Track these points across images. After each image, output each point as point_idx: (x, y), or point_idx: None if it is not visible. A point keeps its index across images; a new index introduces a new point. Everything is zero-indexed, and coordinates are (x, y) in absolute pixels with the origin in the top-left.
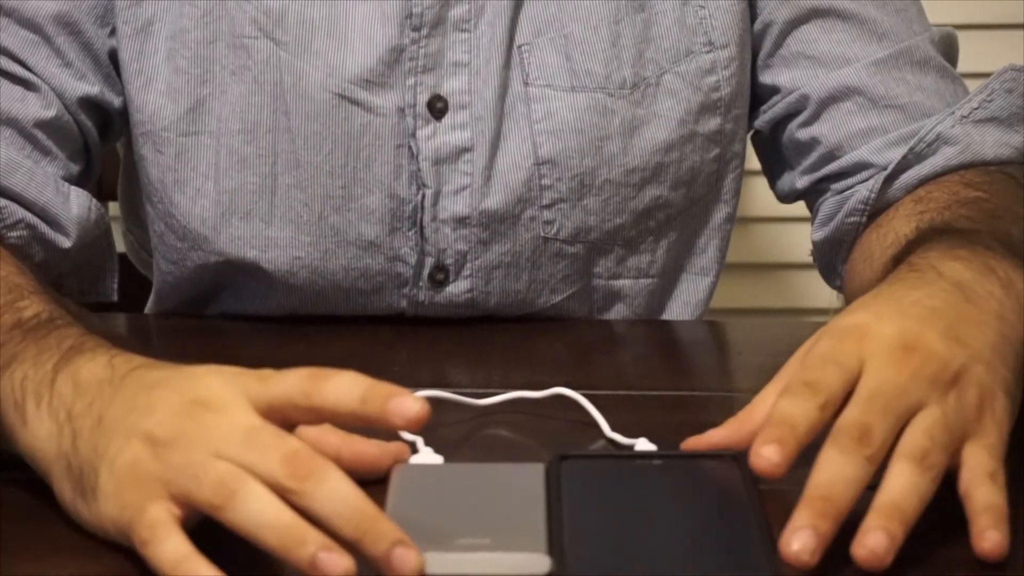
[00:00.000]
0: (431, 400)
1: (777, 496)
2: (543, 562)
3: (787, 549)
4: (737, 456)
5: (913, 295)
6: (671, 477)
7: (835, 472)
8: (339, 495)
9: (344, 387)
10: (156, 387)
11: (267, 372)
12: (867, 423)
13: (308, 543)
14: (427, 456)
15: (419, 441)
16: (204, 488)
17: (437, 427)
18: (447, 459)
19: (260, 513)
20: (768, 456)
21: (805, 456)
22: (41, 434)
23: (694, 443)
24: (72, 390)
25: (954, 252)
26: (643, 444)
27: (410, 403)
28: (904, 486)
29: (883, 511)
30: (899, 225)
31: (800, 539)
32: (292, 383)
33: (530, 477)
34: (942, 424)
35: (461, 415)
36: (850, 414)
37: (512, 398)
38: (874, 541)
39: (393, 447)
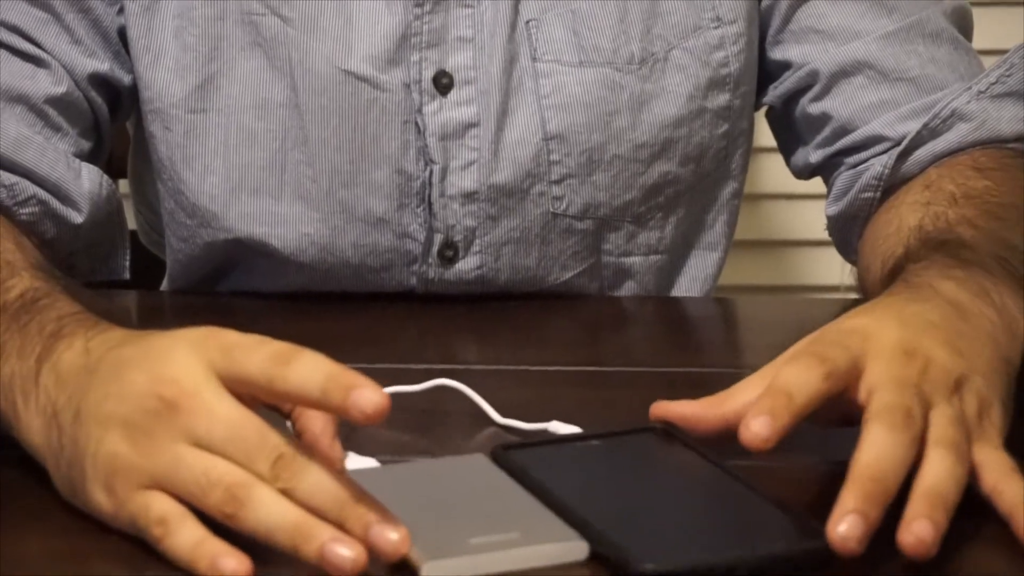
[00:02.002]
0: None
1: None
2: (582, 548)
3: (834, 533)
4: (669, 429)
5: (912, 308)
6: (627, 455)
7: (883, 451)
8: (319, 487)
9: (306, 375)
10: (126, 369)
11: (233, 341)
12: (907, 404)
13: (315, 538)
14: (358, 461)
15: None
16: (212, 498)
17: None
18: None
19: (269, 517)
20: (756, 430)
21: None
22: (33, 430)
23: (662, 408)
24: (54, 383)
25: (950, 272)
26: (556, 426)
27: (369, 396)
28: (944, 473)
29: (927, 499)
30: (905, 213)
31: (849, 524)
32: (256, 366)
33: (483, 468)
34: (959, 420)
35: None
36: (885, 397)
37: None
38: (921, 529)
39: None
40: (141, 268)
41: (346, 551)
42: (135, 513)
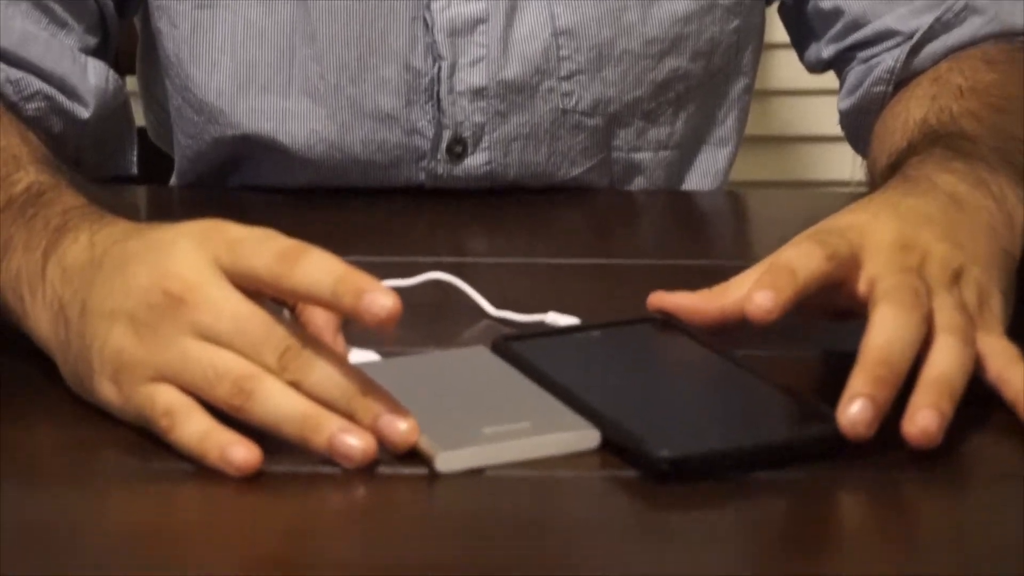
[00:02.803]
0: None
1: None
2: (594, 436)
3: (843, 417)
4: (669, 319)
5: (908, 201)
6: (629, 346)
7: (894, 332)
8: (327, 378)
9: (314, 276)
10: (130, 263)
11: (238, 236)
12: (913, 284)
13: (324, 428)
14: (359, 355)
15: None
16: (220, 390)
17: None
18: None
19: (277, 408)
20: (760, 302)
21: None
22: (41, 324)
23: (659, 299)
24: (60, 277)
25: (949, 165)
26: (554, 317)
27: (382, 301)
28: (951, 360)
29: (933, 387)
30: (912, 107)
31: (858, 408)
32: (262, 263)
33: (486, 360)
34: (962, 306)
35: None
36: (891, 279)
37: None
38: (926, 419)
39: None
40: (149, 164)
41: (355, 441)
42: (141, 405)
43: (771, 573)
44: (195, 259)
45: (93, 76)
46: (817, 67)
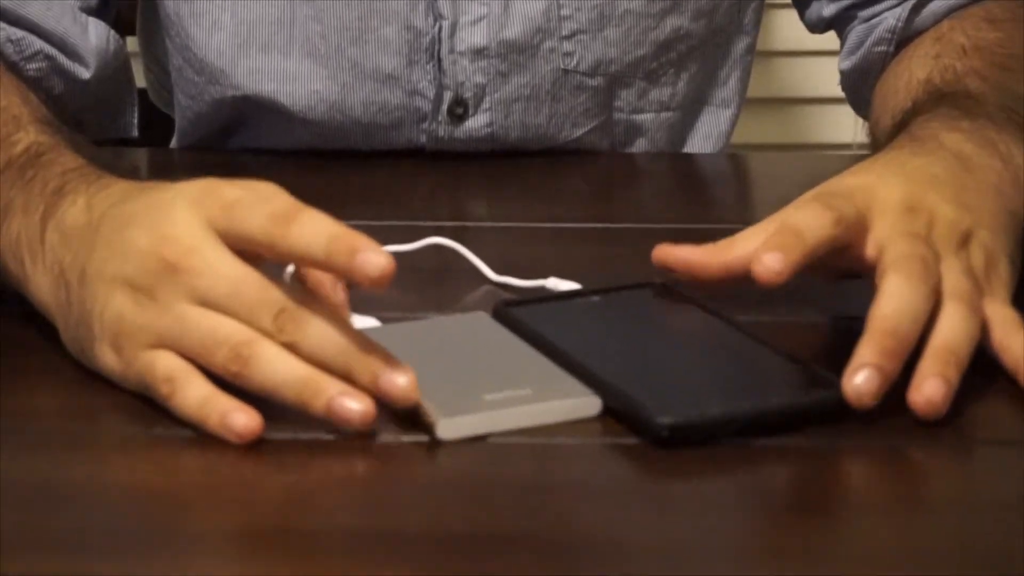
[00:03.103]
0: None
1: None
2: (595, 403)
3: (848, 386)
4: (667, 284)
5: (915, 161)
6: (629, 311)
7: (902, 303)
8: (324, 338)
9: (308, 237)
10: (128, 227)
11: (233, 198)
12: (922, 254)
13: (323, 392)
14: (358, 321)
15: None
16: (218, 356)
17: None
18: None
19: (275, 373)
20: (769, 264)
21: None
22: (43, 289)
23: (664, 252)
24: (60, 241)
25: (956, 124)
26: (554, 282)
27: (375, 260)
28: (957, 328)
29: (939, 356)
30: (915, 67)
31: (864, 377)
32: (257, 225)
33: (486, 325)
34: (969, 272)
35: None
36: (900, 247)
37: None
38: (932, 389)
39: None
40: (150, 126)
41: (354, 404)
42: (142, 371)
43: (772, 539)
44: (190, 223)
45: (94, 36)
46: (818, 26)
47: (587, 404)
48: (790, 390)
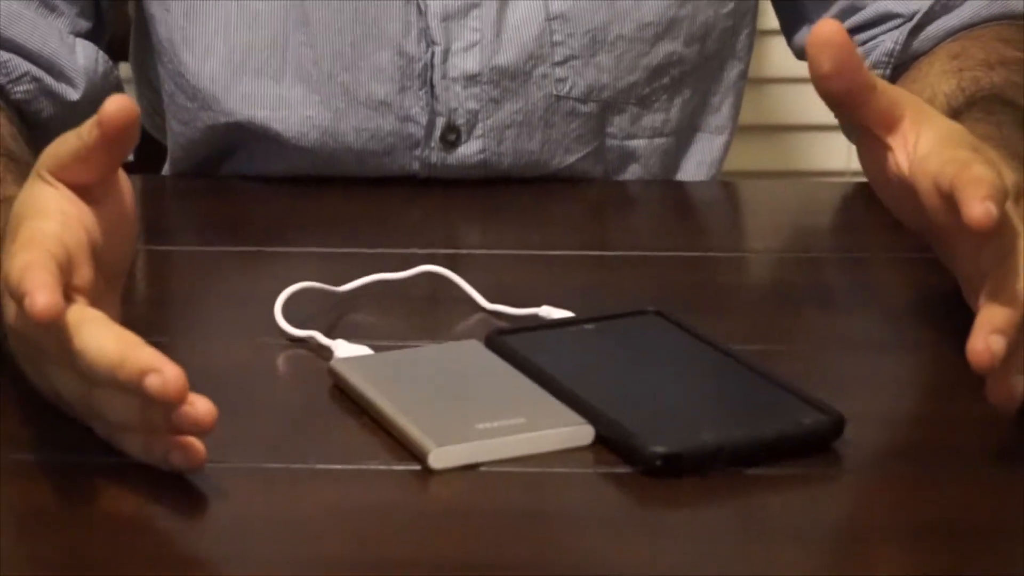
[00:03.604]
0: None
1: None
2: (588, 432)
3: (980, 342)
4: (661, 312)
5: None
6: (623, 339)
7: None
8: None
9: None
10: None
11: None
12: None
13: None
14: (350, 348)
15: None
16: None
17: (316, 316)
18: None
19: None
20: (988, 210)
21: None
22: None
23: (830, 28)
24: None
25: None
26: (547, 310)
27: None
28: None
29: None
30: (936, 82)
31: (998, 342)
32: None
33: (479, 354)
34: None
35: (326, 303)
36: None
37: (373, 280)
38: (996, 343)
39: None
40: (143, 152)
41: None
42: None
43: (766, 568)
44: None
45: (82, 57)
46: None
47: (580, 433)
48: (783, 418)
